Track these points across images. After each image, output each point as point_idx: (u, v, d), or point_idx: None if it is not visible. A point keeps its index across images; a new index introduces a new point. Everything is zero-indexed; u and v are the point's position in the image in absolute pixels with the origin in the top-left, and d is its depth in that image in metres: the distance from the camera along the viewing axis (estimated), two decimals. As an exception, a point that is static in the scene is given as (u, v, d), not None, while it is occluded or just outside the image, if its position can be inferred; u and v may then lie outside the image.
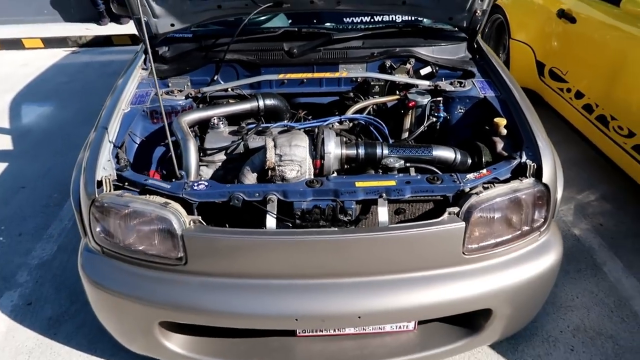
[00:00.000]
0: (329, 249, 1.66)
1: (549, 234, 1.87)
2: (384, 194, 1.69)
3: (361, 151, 1.89)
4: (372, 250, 1.67)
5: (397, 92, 2.30)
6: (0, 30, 6.30)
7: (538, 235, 1.82)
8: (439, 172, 1.86)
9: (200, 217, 1.71)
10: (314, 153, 1.83)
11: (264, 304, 1.68)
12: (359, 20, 2.68)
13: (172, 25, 2.34)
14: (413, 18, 2.56)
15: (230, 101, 2.28)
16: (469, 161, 1.96)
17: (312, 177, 1.83)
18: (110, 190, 1.75)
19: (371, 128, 2.13)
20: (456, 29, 2.46)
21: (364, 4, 2.36)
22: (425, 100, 2.20)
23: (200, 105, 2.33)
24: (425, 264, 1.71)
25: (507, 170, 1.79)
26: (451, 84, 2.25)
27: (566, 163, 3.62)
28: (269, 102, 2.18)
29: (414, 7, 2.36)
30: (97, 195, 1.70)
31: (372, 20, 2.67)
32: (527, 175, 1.77)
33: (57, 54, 5.91)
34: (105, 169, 1.82)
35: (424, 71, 2.37)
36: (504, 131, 2.00)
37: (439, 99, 2.19)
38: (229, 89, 2.33)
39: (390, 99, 2.28)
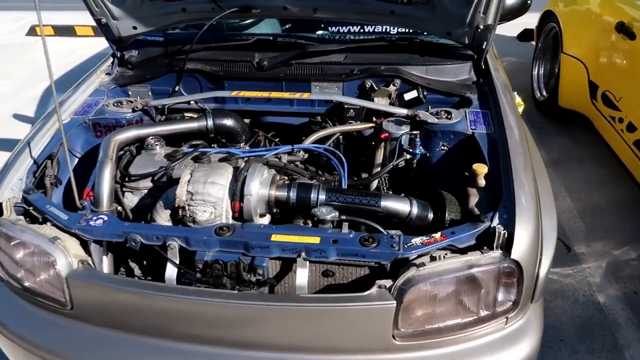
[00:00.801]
0: (223, 316, 1.38)
1: (522, 321, 1.46)
2: (303, 254, 1.38)
3: (292, 194, 1.57)
4: (275, 323, 1.37)
5: (374, 120, 1.95)
6: (56, 17, 6.51)
7: (504, 322, 1.43)
8: (381, 229, 1.50)
9: (90, 258, 1.50)
10: (233, 193, 1.53)
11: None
12: (354, 30, 2.31)
13: (135, 28, 2.13)
14: (409, 30, 2.17)
15: (178, 117, 2.04)
16: (430, 216, 1.58)
17: (230, 220, 1.55)
18: (10, 214, 1.58)
19: (333, 161, 1.79)
20: (460, 45, 2.04)
21: (346, 13, 2.01)
22: (400, 132, 1.83)
23: (159, 118, 2.12)
24: (343, 347, 1.38)
25: (470, 236, 1.40)
26: (436, 114, 1.85)
27: (609, 206, 3.15)
28: (220, 121, 1.91)
29: (405, 18, 1.98)
30: None
31: (363, 30, 2.30)
32: (494, 246, 1.37)
33: (104, 43, 6.00)
34: (13, 189, 1.65)
35: (409, 95, 1.98)
36: (482, 182, 1.59)
37: (415, 132, 1.81)
38: (192, 102, 2.09)
39: (362, 127, 1.93)
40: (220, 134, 1.95)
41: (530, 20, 4.46)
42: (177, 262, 1.45)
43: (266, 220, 1.64)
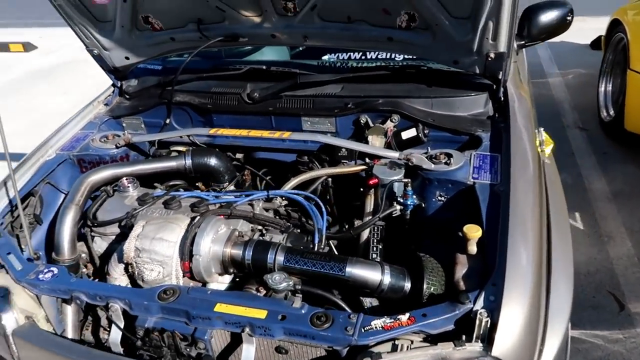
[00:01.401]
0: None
1: None
2: (247, 329, 1.20)
3: (248, 254, 1.38)
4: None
5: (367, 161, 1.72)
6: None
7: None
8: (341, 304, 1.29)
9: (33, 314, 1.41)
10: (182, 252, 1.38)
11: None
12: (358, 57, 2.08)
13: (127, 58, 2.06)
14: (415, 57, 1.91)
15: (164, 154, 1.93)
16: (407, 287, 1.33)
17: (180, 281, 1.40)
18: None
19: (310, 210, 1.59)
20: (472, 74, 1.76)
21: (339, 40, 1.80)
22: (390, 177, 1.59)
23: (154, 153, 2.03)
24: None
25: (446, 320, 1.15)
26: (434, 157, 1.59)
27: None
28: (200, 160, 1.78)
29: (405, 45, 1.73)
30: None
31: (365, 57, 2.05)
32: (474, 336, 1.12)
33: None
34: (-15, 228, 1.62)
35: (407, 134, 1.72)
36: (474, 248, 1.32)
37: (406, 179, 1.57)
38: (183, 137, 1.98)
39: (350, 170, 1.72)
40: (201, 174, 1.82)
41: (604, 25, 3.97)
42: (121, 324, 1.33)
43: (227, 279, 1.48)
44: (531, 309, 1.16)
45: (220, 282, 1.46)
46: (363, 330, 1.15)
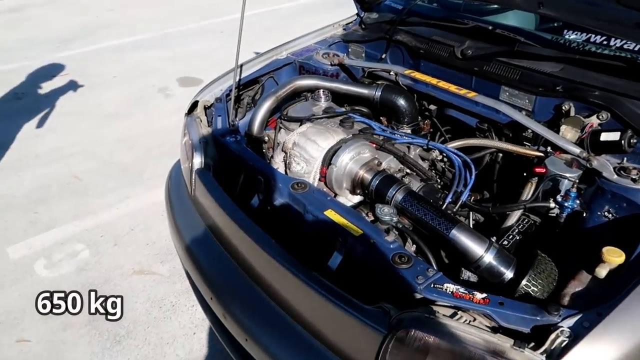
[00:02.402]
0: (260, 257, 1.46)
1: None
2: (341, 239, 1.33)
3: (374, 182, 1.45)
4: (288, 284, 1.37)
5: (547, 150, 1.55)
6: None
7: None
8: (430, 258, 1.26)
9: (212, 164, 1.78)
10: (325, 158, 1.53)
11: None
12: (598, 41, 1.78)
13: (372, -8, 2.23)
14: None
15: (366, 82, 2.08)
16: (507, 275, 1.22)
17: (316, 182, 1.57)
18: (199, 111, 2.00)
19: (458, 168, 1.56)
20: None
21: (577, 15, 1.60)
22: (560, 172, 1.42)
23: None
24: (331, 343, 1.28)
25: (521, 319, 1.06)
26: (623, 169, 1.35)
27: None
28: (388, 96, 1.88)
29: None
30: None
31: (607, 44, 1.73)
32: (544, 349, 1.01)
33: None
34: (212, 96, 2.06)
35: (607, 136, 1.45)
36: (604, 272, 1.12)
37: (573, 180, 1.37)
38: (390, 73, 2.09)
39: (521, 151, 1.57)
40: (385, 108, 1.92)
41: None
42: (262, 195, 1.60)
43: (355, 199, 1.59)
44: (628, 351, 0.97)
45: (349, 200, 1.58)
46: (432, 286, 1.14)
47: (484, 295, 1.11)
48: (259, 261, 1.47)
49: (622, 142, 1.45)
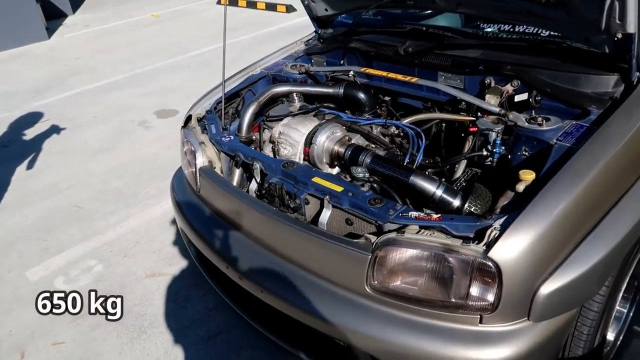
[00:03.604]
0: (263, 222, 1.82)
1: (505, 329, 1.43)
2: (327, 196, 1.70)
3: (347, 153, 1.86)
4: (288, 238, 1.74)
5: (478, 115, 1.99)
6: None
7: (477, 319, 1.43)
8: (396, 197, 1.66)
9: (213, 162, 2.14)
10: (306, 140, 1.92)
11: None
12: (508, 29, 2.26)
13: (326, 10, 2.67)
14: (559, 34, 2.02)
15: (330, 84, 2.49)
16: (455, 203, 1.63)
17: (301, 161, 1.95)
18: (193, 123, 2.36)
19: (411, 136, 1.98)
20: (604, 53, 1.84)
21: (486, 10, 2.07)
22: (486, 127, 1.85)
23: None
24: (329, 277, 1.65)
25: (468, 227, 1.45)
26: (531, 118, 1.79)
27: None
28: (350, 92, 2.29)
29: (542, 19, 1.91)
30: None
31: (513, 30, 2.21)
32: (483, 243, 1.40)
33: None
34: (203, 109, 2.44)
35: (519, 97, 1.91)
36: (521, 188, 1.54)
37: (497, 130, 1.80)
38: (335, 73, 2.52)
39: (459, 118, 2.00)
40: (349, 102, 2.33)
41: None
42: (258, 178, 1.97)
43: (335, 171, 1.98)
44: (542, 235, 1.36)
45: (330, 172, 1.97)
46: (401, 215, 1.53)
47: (439, 215, 1.51)
48: (265, 227, 1.83)
49: (530, 99, 1.90)
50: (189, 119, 2.39)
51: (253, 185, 2.01)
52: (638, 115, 1.70)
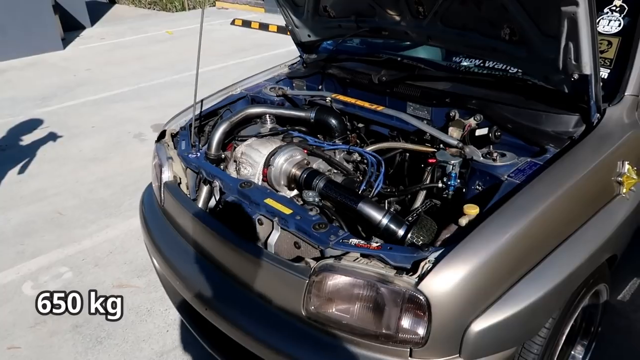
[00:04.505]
0: (212, 242, 1.83)
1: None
2: (277, 218, 1.71)
3: (303, 176, 1.87)
4: (235, 259, 1.74)
5: (439, 147, 1.99)
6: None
7: (407, 352, 1.41)
8: (342, 225, 1.66)
9: (179, 178, 2.16)
10: (265, 161, 1.94)
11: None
12: (487, 65, 2.29)
13: (309, 36, 2.72)
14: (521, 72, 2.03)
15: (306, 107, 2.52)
16: (400, 233, 1.62)
17: (259, 182, 1.96)
18: (167, 139, 2.40)
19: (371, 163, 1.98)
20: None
21: (454, 44, 2.09)
22: (443, 159, 1.85)
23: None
24: (271, 299, 1.63)
25: (405, 258, 1.44)
26: (487, 153, 1.78)
27: None
28: (321, 117, 2.31)
29: (505, 56, 1.94)
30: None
31: (483, 65, 2.23)
32: (417, 275, 1.39)
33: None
34: (178, 125, 2.47)
35: (479, 132, 1.90)
36: (463, 222, 1.53)
37: (453, 164, 1.80)
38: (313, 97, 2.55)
39: (421, 149, 2.00)
40: (320, 126, 2.35)
41: None
42: (217, 196, 1.98)
43: (293, 194, 1.99)
44: (476, 272, 1.35)
45: (287, 194, 1.97)
46: (341, 241, 1.53)
47: (379, 243, 1.50)
48: (214, 245, 1.83)
49: (490, 134, 1.90)
50: (162, 134, 2.42)
51: (212, 203, 2.02)
52: (589, 157, 1.69)
